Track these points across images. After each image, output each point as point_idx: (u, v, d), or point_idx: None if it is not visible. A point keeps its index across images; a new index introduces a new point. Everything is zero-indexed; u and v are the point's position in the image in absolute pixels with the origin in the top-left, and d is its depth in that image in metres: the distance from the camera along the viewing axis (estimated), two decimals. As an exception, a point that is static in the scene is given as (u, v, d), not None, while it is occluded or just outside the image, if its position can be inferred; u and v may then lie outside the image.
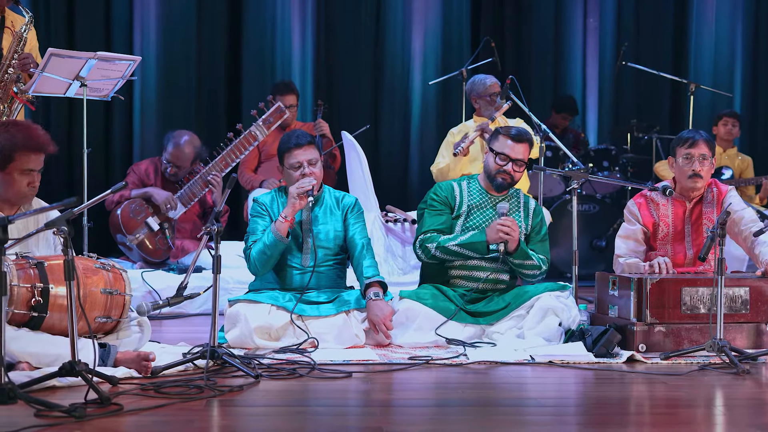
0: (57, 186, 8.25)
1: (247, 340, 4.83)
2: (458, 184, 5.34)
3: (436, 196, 5.28)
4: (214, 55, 8.90)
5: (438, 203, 5.25)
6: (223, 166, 6.84)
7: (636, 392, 4.17)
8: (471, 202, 5.26)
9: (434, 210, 5.24)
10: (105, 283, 4.19)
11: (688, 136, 5.31)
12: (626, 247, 5.34)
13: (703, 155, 5.24)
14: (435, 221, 5.21)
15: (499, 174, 5.23)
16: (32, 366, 3.96)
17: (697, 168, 5.23)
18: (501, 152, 5.23)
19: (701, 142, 5.25)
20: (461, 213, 5.23)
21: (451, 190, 5.30)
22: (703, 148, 5.25)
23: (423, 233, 5.20)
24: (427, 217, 5.23)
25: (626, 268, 5.24)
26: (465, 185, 5.33)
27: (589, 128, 9.69)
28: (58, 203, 3.83)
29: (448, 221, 5.22)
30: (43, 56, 5.75)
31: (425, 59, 9.30)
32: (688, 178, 5.25)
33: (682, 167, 5.27)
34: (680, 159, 5.27)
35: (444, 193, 5.28)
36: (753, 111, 9.74)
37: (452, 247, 5.12)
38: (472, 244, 5.11)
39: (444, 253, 5.14)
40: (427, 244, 5.16)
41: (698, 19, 9.73)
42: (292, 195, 4.97)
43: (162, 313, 5.75)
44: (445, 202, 5.26)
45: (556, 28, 9.64)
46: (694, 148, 5.24)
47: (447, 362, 4.56)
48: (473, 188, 5.32)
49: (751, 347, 4.85)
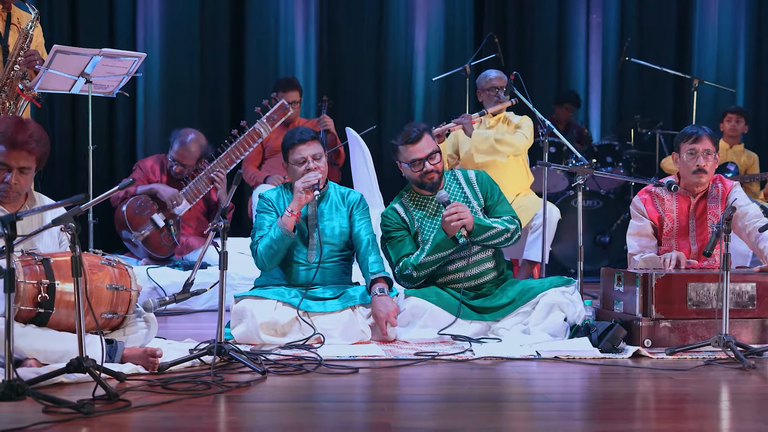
0: (61, 182, 8.26)
1: (254, 336, 4.83)
2: (398, 204, 5.28)
3: (388, 224, 5.23)
4: (217, 52, 8.91)
5: (393, 231, 5.22)
6: (227, 163, 6.85)
7: (642, 387, 4.18)
8: (417, 215, 5.24)
9: (394, 239, 5.21)
10: (111, 279, 4.19)
11: (691, 131, 5.31)
12: (638, 244, 5.34)
13: (707, 150, 5.24)
14: (400, 249, 5.18)
15: (424, 177, 5.19)
16: (40, 362, 3.96)
17: (701, 163, 5.24)
18: (410, 160, 5.17)
19: (705, 137, 5.26)
20: (416, 228, 5.21)
21: (395, 213, 5.25)
22: (707, 143, 5.25)
23: (395, 265, 5.18)
24: (390, 250, 5.21)
25: (642, 264, 5.24)
26: (404, 201, 5.28)
27: (593, 124, 9.70)
28: (65, 200, 3.83)
29: (411, 241, 5.19)
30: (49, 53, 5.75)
31: (428, 55, 9.31)
32: (693, 173, 5.25)
33: (686, 162, 5.28)
34: (684, 154, 5.28)
35: (393, 219, 5.23)
36: (756, 106, 9.74)
37: (425, 260, 5.10)
38: (437, 247, 5.07)
39: (423, 269, 5.12)
40: (404, 273, 5.15)
41: (701, 15, 9.74)
42: (298, 189, 4.98)
43: (168, 310, 5.75)
44: (399, 224, 5.22)
45: (559, 24, 9.65)
46: (697, 143, 5.25)
47: (453, 358, 4.57)
48: (410, 202, 5.27)
49: (757, 342, 4.85)
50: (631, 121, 9.18)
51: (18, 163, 4.20)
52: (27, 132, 4.21)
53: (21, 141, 4.18)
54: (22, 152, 4.19)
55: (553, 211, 6.85)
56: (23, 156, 4.20)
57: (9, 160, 4.19)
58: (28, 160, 4.22)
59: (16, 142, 4.17)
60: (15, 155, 4.19)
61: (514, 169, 6.96)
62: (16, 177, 4.21)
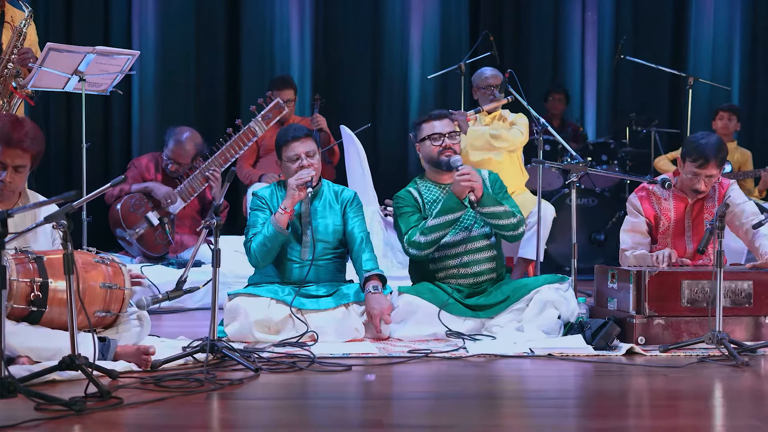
0: (56, 180, 8.25)
1: (247, 334, 4.83)
2: (413, 188, 5.32)
3: (400, 202, 5.26)
4: (212, 50, 8.90)
5: (405, 206, 5.24)
6: (222, 162, 6.84)
7: (635, 384, 4.18)
8: (429, 199, 5.26)
9: (406, 213, 5.23)
10: (104, 277, 4.19)
11: (700, 154, 5.13)
12: (632, 240, 5.34)
13: (710, 176, 5.18)
14: (410, 221, 5.19)
15: (442, 153, 5.22)
16: (32, 360, 3.96)
17: (701, 187, 5.19)
18: (431, 133, 5.23)
19: (712, 164, 5.13)
20: (427, 213, 5.22)
21: (409, 195, 5.29)
22: (713, 170, 5.17)
23: (405, 234, 5.19)
24: (401, 223, 5.23)
25: (633, 260, 5.24)
26: (418, 187, 5.32)
27: (588, 122, 9.69)
28: (57, 197, 3.82)
29: (421, 219, 5.20)
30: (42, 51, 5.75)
31: (424, 53, 9.30)
32: (691, 190, 5.23)
33: (687, 177, 5.21)
34: (688, 172, 5.20)
35: (407, 199, 5.26)
36: (751, 104, 9.74)
37: (432, 222, 5.10)
38: (446, 207, 5.08)
39: (430, 233, 5.10)
40: (412, 239, 5.14)
41: (697, 13, 9.73)
42: (291, 186, 4.98)
43: (161, 308, 5.75)
44: (411, 203, 5.25)
45: (554, 21, 9.64)
46: (702, 169, 5.16)
47: (446, 355, 4.57)
48: (425, 186, 5.31)
49: (750, 339, 4.86)
50: (626, 119, 9.17)
51: (13, 161, 4.21)
52: (22, 130, 4.21)
53: (16, 139, 4.18)
54: (17, 150, 4.20)
55: (548, 209, 6.84)
56: (18, 154, 4.21)
57: (4, 158, 4.20)
58: (23, 158, 4.23)
59: (12, 140, 4.17)
60: (10, 153, 4.20)
61: (509, 167, 6.96)
62: (11, 175, 4.21)
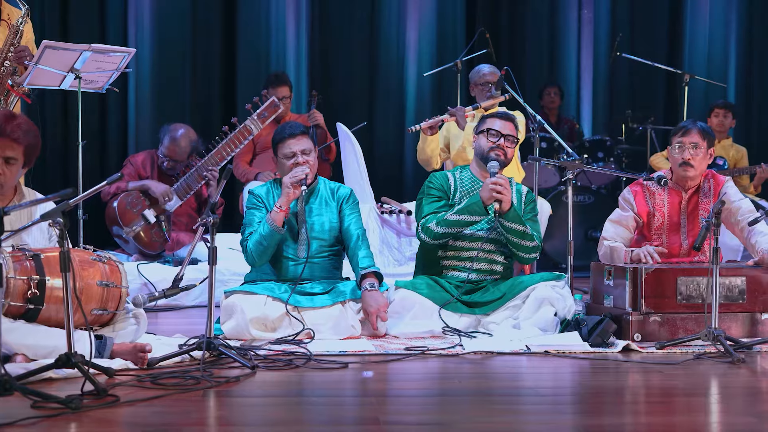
0: (52, 178, 8.24)
1: (243, 332, 4.83)
2: (452, 173, 5.38)
3: (432, 184, 5.31)
4: (208, 48, 8.90)
5: (435, 190, 5.29)
6: (218, 160, 6.84)
7: (631, 381, 4.18)
8: (463, 189, 5.29)
9: (431, 197, 5.27)
10: (101, 275, 4.19)
11: (682, 125, 5.33)
12: (614, 231, 5.35)
13: (695, 144, 5.24)
14: (433, 206, 5.24)
15: (493, 150, 5.25)
16: (28, 358, 3.96)
17: (686, 156, 5.23)
18: (491, 128, 5.28)
19: (694, 131, 5.26)
20: (455, 201, 5.26)
21: (446, 178, 5.34)
22: (696, 137, 5.25)
23: (423, 218, 5.22)
24: (425, 205, 5.26)
25: (608, 250, 5.25)
26: (458, 174, 5.37)
27: (584, 119, 9.70)
28: (53, 194, 3.82)
29: (446, 206, 5.24)
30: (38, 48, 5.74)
31: (420, 50, 9.30)
32: (679, 166, 5.26)
33: (674, 156, 5.29)
34: (674, 147, 5.29)
35: (439, 182, 5.31)
36: (747, 101, 9.76)
37: (451, 217, 5.13)
38: (469, 207, 5.11)
39: (445, 226, 5.13)
40: (428, 225, 5.17)
41: (692, 10, 9.74)
42: (286, 184, 4.98)
43: (158, 305, 5.74)
44: (441, 188, 5.29)
45: (550, 19, 9.65)
46: (686, 136, 5.25)
47: (443, 352, 4.57)
48: (465, 177, 5.36)
49: (746, 336, 4.87)
50: (622, 116, 9.19)
51: (4, 152, 4.17)
52: (14, 122, 4.20)
53: (8, 130, 4.16)
54: (7, 141, 4.17)
55: (544, 207, 6.84)
56: (8, 145, 4.17)
57: None
58: (15, 150, 4.19)
59: (3, 130, 4.16)
60: (1, 144, 4.17)
61: (505, 164, 6.96)
62: (1, 167, 4.19)
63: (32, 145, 4.25)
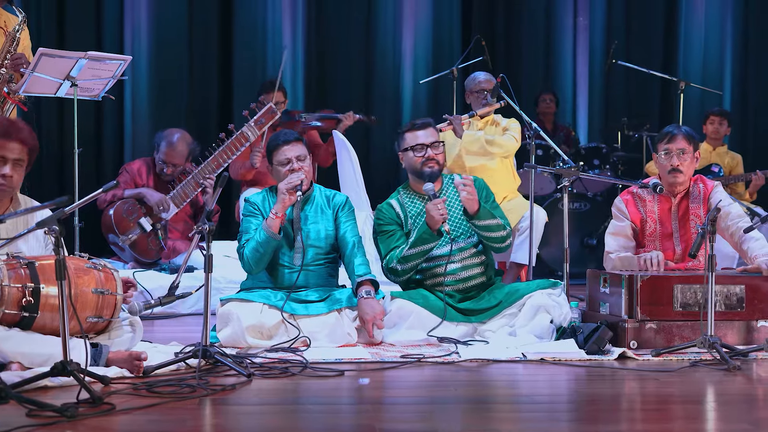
0: (48, 186, 8.24)
1: (239, 339, 4.83)
2: (395, 200, 5.30)
3: (381, 220, 5.26)
4: (205, 55, 8.90)
5: (386, 225, 5.23)
6: (215, 167, 6.80)
7: (628, 389, 4.18)
8: (411, 212, 5.25)
9: (385, 234, 5.22)
10: (96, 282, 4.18)
11: (667, 131, 5.35)
12: (616, 243, 5.36)
13: (682, 149, 5.25)
14: (389, 243, 5.19)
15: (425, 164, 5.20)
16: (24, 366, 3.95)
17: (675, 163, 5.25)
18: (414, 144, 5.21)
19: (679, 136, 5.27)
20: (409, 226, 5.22)
21: (391, 208, 5.27)
22: (681, 142, 5.26)
23: (384, 258, 5.19)
24: (381, 244, 5.23)
25: (618, 263, 5.25)
26: (401, 198, 5.30)
27: (580, 126, 9.71)
28: (49, 202, 3.82)
29: (402, 237, 5.20)
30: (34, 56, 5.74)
31: (416, 58, 9.31)
32: (668, 173, 5.27)
33: (662, 163, 5.30)
34: (661, 154, 5.30)
35: (387, 215, 5.25)
36: (743, 108, 9.77)
37: (408, 252, 5.09)
38: (420, 238, 5.06)
39: (406, 262, 5.11)
40: (390, 265, 5.15)
41: (687, 17, 9.76)
42: (281, 191, 4.99)
43: (154, 313, 5.74)
44: (392, 221, 5.24)
45: (546, 26, 9.67)
46: (672, 143, 5.27)
47: (439, 360, 4.57)
48: (407, 198, 5.30)
49: (742, 344, 4.86)
50: (618, 123, 9.20)
51: (13, 153, 4.23)
52: (18, 124, 4.28)
53: (14, 130, 4.23)
54: (16, 143, 4.23)
55: (540, 214, 6.85)
56: (17, 147, 4.23)
57: (5, 152, 4.22)
58: (22, 152, 4.26)
59: (10, 131, 4.22)
60: (10, 146, 4.22)
61: (502, 172, 6.97)
62: (11, 169, 4.23)
63: (35, 147, 4.34)
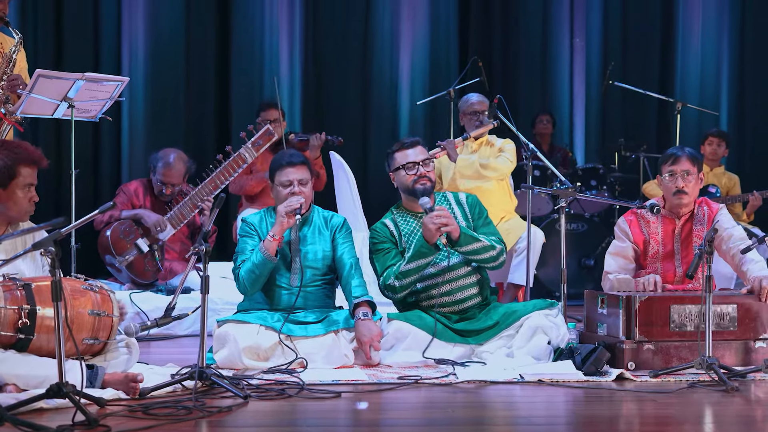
0: (45, 207, 8.20)
1: (236, 361, 4.81)
2: (389, 219, 5.30)
3: (376, 237, 5.25)
4: (202, 76, 8.92)
5: (381, 243, 5.23)
6: (212, 188, 6.79)
7: (626, 410, 4.17)
8: (407, 230, 5.25)
9: (381, 252, 5.22)
10: (93, 304, 4.17)
11: (671, 153, 5.34)
12: (616, 264, 5.35)
13: (686, 171, 5.26)
14: (386, 261, 5.18)
15: (416, 182, 5.20)
16: (19, 388, 3.94)
17: (680, 184, 5.25)
18: (404, 163, 5.21)
19: (684, 158, 5.28)
20: (404, 244, 5.21)
21: (385, 227, 5.27)
22: (686, 164, 5.27)
23: (380, 275, 5.18)
24: (377, 262, 5.22)
25: (616, 284, 5.25)
26: (394, 218, 5.30)
27: (577, 147, 9.73)
28: (45, 223, 3.82)
29: (398, 254, 5.19)
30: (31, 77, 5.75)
31: (413, 79, 9.33)
32: (673, 194, 5.27)
33: (667, 185, 5.30)
34: (665, 176, 5.30)
35: (382, 234, 5.25)
36: (740, 129, 9.79)
37: (405, 267, 5.08)
38: (418, 252, 5.05)
39: (404, 277, 5.10)
40: (387, 282, 5.13)
41: (684, 38, 9.80)
42: (280, 213, 4.98)
43: (150, 335, 5.73)
44: (386, 239, 5.23)
45: (543, 47, 9.70)
46: (676, 164, 5.27)
47: (436, 382, 4.55)
48: (400, 218, 5.29)
49: (740, 364, 4.85)
50: (615, 144, 9.22)
51: (34, 179, 4.34)
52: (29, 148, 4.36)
53: (41, 157, 4.33)
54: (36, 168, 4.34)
55: (537, 234, 6.85)
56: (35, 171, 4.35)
57: (34, 179, 4.32)
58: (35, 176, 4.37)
59: (40, 159, 4.33)
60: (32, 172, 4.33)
61: (499, 192, 6.97)
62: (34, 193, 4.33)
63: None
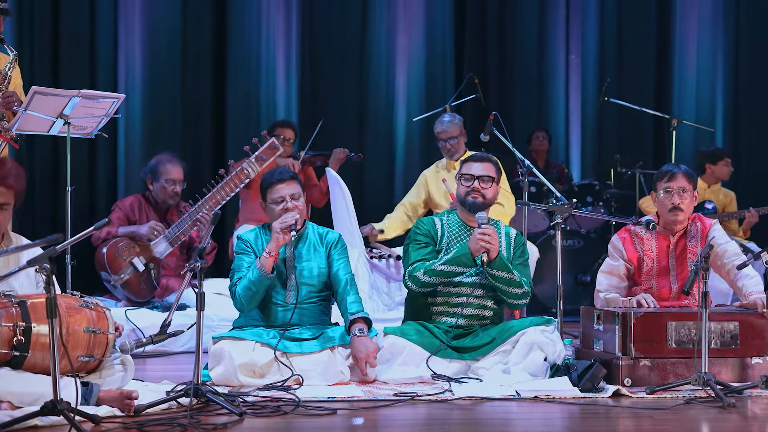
0: (41, 223, 8.22)
1: (232, 378, 4.80)
2: (439, 218, 5.37)
3: (419, 229, 5.31)
4: (198, 93, 8.92)
5: (421, 236, 5.27)
6: (213, 204, 6.71)
7: (622, 427, 4.16)
8: (450, 234, 5.28)
9: (418, 243, 5.26)
10: (88, 321, 4.16)
11: (667, 169, 5.36)
12: (608, 282, 5.36)
13: (682, 188, 5.27)
14: (420, 253, 5.22)
15: (469, 194, 5.25)
16: (14, 405, 3.92)
17: (676, 201, 5.26)
18: (464, 173, 5.29)
19: (680, 175, 5.29)
20: (443, 246, 5.25)
21: (432, 224, 5.33)
22: (682, 181, 5.28)
23: (410, 265, 5.21)
24: (411, 252, 5.25)
25: (605, 303, 5.26)
26: (445, 219, 5.35)
27: (573, 163, 9.74)
28: (40, 240, 3.81)
29: (433, 252, 5.23)
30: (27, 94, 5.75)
31: (409, 95, 9.34)
32: (669, 211, 5.28)
33: (662, 201, 5.31)
34: (660, 193, 5.31)
35: (426, 227, 5.31)
36: (735, 146, 9.81)
37: (439, 267, 5.11)
38: (457, 258, 5.09)
39: (432, 276, 5.12)
40: (415, 273, 5.15)
41: (680, 55, 9.82)
42: (276, 230, 4.98)
43: (146, 351, 5.71)
44: (428, 234, 5.28)
45: (538, 64, 9.72)
46: (672, 181, 5.28)
47: (432, 398, 4.54)
48: (452, 221, 5.34)
49: (737, 381, 4.85)
50: (611, 160, 9.23)
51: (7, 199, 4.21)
52: (4, 168, 4.23)
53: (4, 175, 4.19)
54: (1, 188, 4.20)
55: (532, 251, 6.85)
56: (2, 191, 4.21)
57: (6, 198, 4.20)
58: (7, 196, 4.24)
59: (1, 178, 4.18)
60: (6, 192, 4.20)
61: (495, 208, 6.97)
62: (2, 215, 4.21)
63: (23, 189, 4.31)
